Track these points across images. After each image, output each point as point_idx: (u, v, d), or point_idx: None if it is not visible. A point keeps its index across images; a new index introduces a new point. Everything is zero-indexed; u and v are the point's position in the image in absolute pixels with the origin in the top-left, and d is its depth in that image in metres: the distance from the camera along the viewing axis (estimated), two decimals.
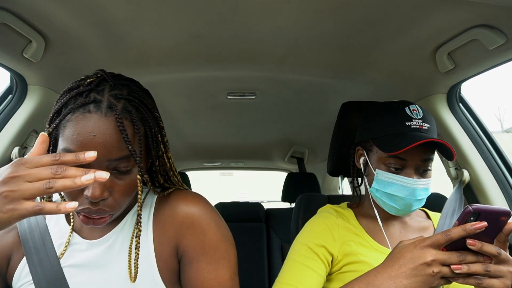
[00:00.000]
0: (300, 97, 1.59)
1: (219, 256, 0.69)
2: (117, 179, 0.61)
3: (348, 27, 0.96)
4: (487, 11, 0.82)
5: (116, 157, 0.59)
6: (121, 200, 0.63)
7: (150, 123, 0.65)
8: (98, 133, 0.57)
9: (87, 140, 0.57)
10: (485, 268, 0.56)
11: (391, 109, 0.84)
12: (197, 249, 0.68)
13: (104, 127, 0.58)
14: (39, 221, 0.72)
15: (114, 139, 0.58)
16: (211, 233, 0.69)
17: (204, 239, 0.69)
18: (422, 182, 0.80)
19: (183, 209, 0.70)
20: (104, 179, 0.50)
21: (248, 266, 2.16)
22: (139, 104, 0.63)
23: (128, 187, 0.63)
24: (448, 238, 0.57)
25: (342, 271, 0.83)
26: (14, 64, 1.00)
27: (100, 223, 0.62)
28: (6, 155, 1.04)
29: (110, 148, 0.58)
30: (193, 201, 0.72)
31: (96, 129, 0.57)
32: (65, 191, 0.59)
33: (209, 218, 0.70)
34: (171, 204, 0.71)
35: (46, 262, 0.66)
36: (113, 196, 0.61)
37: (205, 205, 0.72)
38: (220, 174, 12.00)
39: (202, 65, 1.23)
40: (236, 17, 0.92)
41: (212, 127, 2.10)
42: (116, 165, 0.60)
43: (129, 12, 0.88)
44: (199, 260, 0.68)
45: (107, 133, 0.58)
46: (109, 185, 0.60)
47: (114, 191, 0.61)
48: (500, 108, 47.01)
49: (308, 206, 1.17)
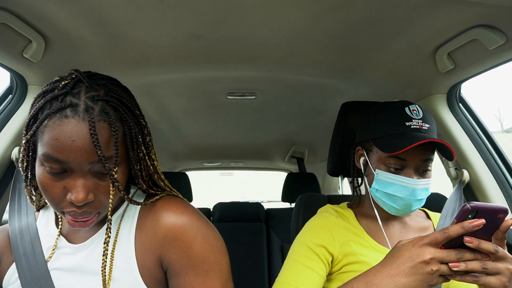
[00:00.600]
0: (300, 97, 1.59)
1: (208, 267, 0.66)
2: (100, 181, 0.60)
3: (348, 27, 0.96)
4: (487, 11, 0.82)
5: (97, 160, 0.58)
6: (106, 200, 0.62)
7: (130, 122, 0.62)
8: (77, 138, 0.56)
9: (67, 145, 0.56)
10: (483, 265, 0.56)
11: (391, 109, 0.84)
12: (183, 262, 0.65)
13: (82, 131, 0.56)
14: (30, 224, 0.72)
15: (92, 139, 0.57)
16: (197, 246, 0.66)
17: (190, 253, 0.65)
18: (422, 182, 0.80)
19: (166, 220, 0.67)
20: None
21: (248, 266, 2.16)
22: (117, 104, 0.61)
23: (111, 189, 0.61)
24: (446, 236, 0.57)
25: (342, 271, 0.83)
26: (14, 64, 1.00)
27: (87, 225, 0.61)
28: (6, 155, 1.04)
29: (91, 151, 0.57)
30: (177, 211, 0.68)
31: (75, 134, 0.56)
32: (46, 196, 0.58)
33: (194, 230, 0.67)
34: (155, 214, 0.68)
35: (35, 268, 0.66)
36: (97, 198, 0.61)
37: (190, 215, 0.68)
38: (220, 174, 12.01)
39: (202, 65, 1.23)
40: (236, 17, 0.92)
41: (212, 127, 2.10)
42: (98, 168, 0.59)
43: (129, 12, 0.88)
44: (186, 273, 0.65)
45: (87, 137, 0.56)
46: (93, 188, 0.60)
47: (99, 192, 0.60)
48: (500, 108, 47.05)
49: (308, 206, 1.17)
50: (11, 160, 1.04)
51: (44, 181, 0.59)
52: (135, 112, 0.65)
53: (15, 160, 1.04)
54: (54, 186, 0.59)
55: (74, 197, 0.57)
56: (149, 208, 0.70)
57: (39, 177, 0.59)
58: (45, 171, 0.59)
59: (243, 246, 2.21)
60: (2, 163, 1.03)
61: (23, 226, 0.72)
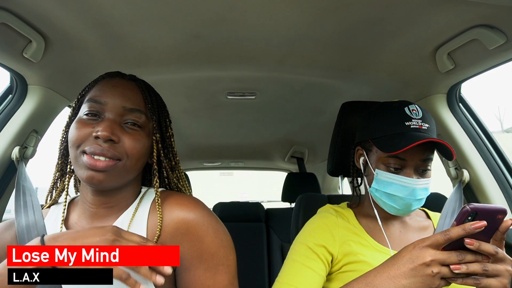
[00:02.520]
0: (300, 97, 1.59)
1: (217, 262, 0.67)
2: (127, 129, 0.69)
3: (348, 27, 0.96)
4: (487, 11, 0.82)
5: (130, 107, 0.69)
6: (128, 150, 0.66)
7: (163, 111, 0.77)
8: (119, 84, 0.71)
9: (109, 89, 0.70)
10: (483, 267, 0.56)
11: (390, 109, 0.84)
12: (194, 256, 0.66)
13: (125, 83, 0.73)
14: (37, 221, 0.72)
15: (132, 92, 0.71)
16: (209, 240, 0.67)
17: (201, 246, 0.67)
18: (422, 182, 0.80)
19: (178, 214, 0.68)
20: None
21: (248, 266, 2.16)
22: (151, 88, 0.78)
23: (137, 142, 0.68)
24: (447, 238, 0.57)
25: (342, 271, 0.83)
26: (14, 64, 1.01)
27: (100, 166, 0.64)
28: (6, 155, 1.04)
29: (127, 97, 0.70)
30: (189, 206, 0.69)
31: (118, 82, 0.72)
32: (73, 138, 0.66)
33: (206, 224, 0.68)
34: (167, 209, 0.69)
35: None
36: (122, 143, 0.66)
37: (202, 210, 0.70)
38: (220, 174, 12.00)
39: (202, 65, 1.23)
40: (236, 17, 0.92)
41: (212, 127, 2.10)
42: (129, 116, 0.69)
43: (129, 12, 0.88)
44: (196, 268, 0.66)
45: (127, 86, 0.72)
46: (120, 132, 0.67)
47: (124, 138, 0.67)
48: (500, 108, 46.95)
49: (308, 206, 1.17)
50: (11, 160, 1.04)
51: (77, 126, 0.67)
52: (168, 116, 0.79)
53: (15, 159, 1.04)
54: (85, 127, 0.66)
55: (101, 130, 0.64)
56: (161, 204, 0.71)
57: (71, 129, 0.67)
58: (80, 118, 0.68)
59: (243, 246, 2.20)
60: (2, 163, 1.03)
61: (30, 222, 0.72)
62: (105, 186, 0.67)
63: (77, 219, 0.72)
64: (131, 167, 0.68)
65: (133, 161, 0.68)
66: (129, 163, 0.67)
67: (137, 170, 0.72)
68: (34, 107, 1.11)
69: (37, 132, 1.13)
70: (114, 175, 0.66)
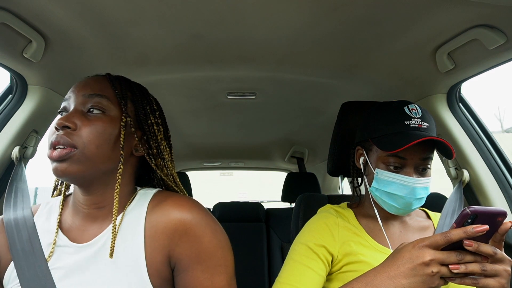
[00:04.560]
0: (300, 97, 1.59)
1: (215, 263, 0.67)
2: (89, 117, 0.67)
3: (348, 27, 0.96)
4: (487, 11, 0.82)
5: (89, 93, 0.69)
6: (85, 136, 0.65)
7: (142, 98, 0.76)
8: (85, 80, 0.72)
9: (74, 87, 0.71)
10: (482, 267, 0.57)
11: (390, 109, 0.85)
12: (192, 257, 0.66)
13: (93, 78, 0.73)
14: (26, 217, 0.71)
15: (95, 81, 0.71)
16: (207, 241, 0.67)
17: (199, 247, 0.66)
18: (422, 180, 0.80)
19: (176, 215, 0.67)
20: None
21: (248, 266, 2.16)
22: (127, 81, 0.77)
23: (94, 127, 0.66)
24: (447, 239, 0.57)
25: (342, 271, 0.83)
26: (14, 64, 1.01)
27: (55, 156, 0.63)
28: (6, 155, 1.04)
29: (88, 86, 0.70)
30: (187, 207, 0.69)
31: (84, 80, 0.72)
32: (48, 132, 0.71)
33: (204, 225, 0.68)
34: (164, 210, 0.68)
35: (34, 266, 0.65)
36: (79, 131, 0.65)
37: (199, 211, 0.69)
38: (220, 174, 12.00)
39: (202, 65, 1.23)
40: (236, 17, 0.92)
41: (212, 127, 2.10)
42: (90, 104, 0.68)
43: (129, 12, 0.88)
44: (194, 269, 0.66)
45: (92, 79, 0.72)
46: (79, 118, 0.66)
47: (81, 125, 0.66)
48: (500, 108, 46.99)
49: (308, 206, 1.17)
50: (11, 159, 1.04)
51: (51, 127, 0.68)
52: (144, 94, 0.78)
53: (15, 159, 1.04)
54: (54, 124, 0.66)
55: (57, 122, 0.64)
56: (157, 205, 0.70)
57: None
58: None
59: (243, 246, 2.21)
60: (2, 162, 1.03)
61: (19, 218, 0.71)
62: (75, 177, 0.65)
63: (71, 220, 0.71)
64: (91, 154, 0.65)
65: (93, 147, 0.65)
66: (87, 149, 0.65)
67: (107, 159, 0.68)
68: (34, 107, 1.11)
69: (37, 132, 1.13)
70: (77, 164, 0.64)
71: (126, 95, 0.73)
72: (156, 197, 0.72)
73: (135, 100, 0.74)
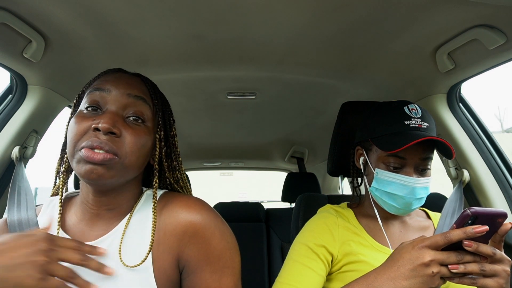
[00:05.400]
0: (300, 97, 1.59)
1: (223, 264, 0.66)
2: (130, 124, 0.65)
3: (348, 27, 0.96)
4: (487, 11, 0.82)
5: (135, 94, 0.67)
6: (128, 146, 0.63)
7: (168, 109, 0.76)
8: (123, 77, 0.69)
9: (112, 79, 0.67)
10: (481, 267, 0.57)
11: (390, 109, 0.85)
12: (200, 259, 0.65)
13: (129, 75, 0.71)
14: (30, 218, 0.71)
15: (136, 82, 0.69)
16: (215, 242, 0.66)
17: (208, 248, 0.66)
18: (422, 180, 0.80)
19: (185, 217, 0.66)
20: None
21: (248, 266, 2.16)
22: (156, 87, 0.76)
23: (139, 138, 0.65)
24: (447, 240, 0.57)
25: (342, 271, 0.83)
26: (14, 64, 1.01)
27: (97, 159, 0.59)
28: (6, 155, 1.04)
29: (132, 85, 0.68)
30: (196, 209, 0.68)
31: (122, 75, 0.69)
32: (71, 134, 0.63)
33: (213, 226, 0.67)
34: (172, 211, 0.68)
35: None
36: (122, 138, 0.63)
37: (208, 212, 0.69)
38: (220, 174, 12.00)
39: (202, 65, 1.23)
40: (236, 17, 0.92)
41: (212, 127, 2.10)
42: (132, 108, 0.66)
43: (129, 12, 0.88)
44: (202, 270, 0.65)
45: (131, 78, 0.70)
46: (121, 124, 0.64)
47: (126, 133, 0.64)
48: (500, 108, 46.94)
49: (308, 206, 1.17)
50: (11, 159, 1.04)
51: (76, 120, 0.64)
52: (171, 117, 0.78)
53: (15, 159, 1.04)
54: (84, 120, 0.63)
55: (102, 121, 0.61)
56: (165, 207, 0.69)
57: (70, 124, 0.64)
58: (79, 112, 0.65)
59: (243, 246, 2.18)
60: (2, 162, 1.03)
61: (22, 219, 0.70)
62: (105, 183, 0.63)
63: (77, 221, 0.69)
64: (131, 164, 0.64)
65: (133, 158, 0.64)
66: (128, 160, 0.63)
67: (138, 169, 0.68)
68: (34, 107, 1.11)
69: (37, 132, 1.13)
70: (114, 171, 0.62)
71: (161, 106, 0.73)
72: (163, 198, 0.71)
73: (164, 109, 0.75)
